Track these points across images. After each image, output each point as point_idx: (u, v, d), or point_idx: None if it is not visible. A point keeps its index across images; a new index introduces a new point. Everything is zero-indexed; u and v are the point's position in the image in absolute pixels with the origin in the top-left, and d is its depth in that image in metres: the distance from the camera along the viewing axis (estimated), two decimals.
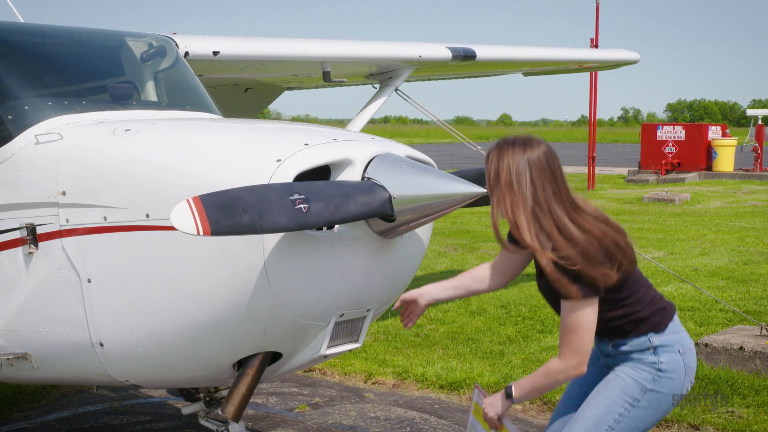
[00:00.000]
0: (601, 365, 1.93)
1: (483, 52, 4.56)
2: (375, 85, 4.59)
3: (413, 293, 2.00)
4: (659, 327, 1.84)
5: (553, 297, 1.84)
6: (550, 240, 1.75)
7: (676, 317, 1.89)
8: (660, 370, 1.82)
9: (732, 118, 55.68)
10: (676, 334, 1.85)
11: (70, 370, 2.43)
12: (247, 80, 4.48)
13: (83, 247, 2.26)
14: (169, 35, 3.20)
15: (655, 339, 1.83)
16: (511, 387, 1.85)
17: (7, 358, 2.45)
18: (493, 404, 1.88)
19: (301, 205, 1.91)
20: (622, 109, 73.72)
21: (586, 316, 1.76)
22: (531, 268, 2.00)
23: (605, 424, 1.81)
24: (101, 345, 2.27)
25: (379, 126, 45.83)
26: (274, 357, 2.27)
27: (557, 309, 1.85)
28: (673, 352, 1.83)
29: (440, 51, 4.40)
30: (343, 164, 2.12)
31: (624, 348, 1.85)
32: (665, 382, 1.82)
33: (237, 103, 4.79)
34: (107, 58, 2.95)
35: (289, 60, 3.97)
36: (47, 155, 2.36)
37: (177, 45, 3.16)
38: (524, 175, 1.75)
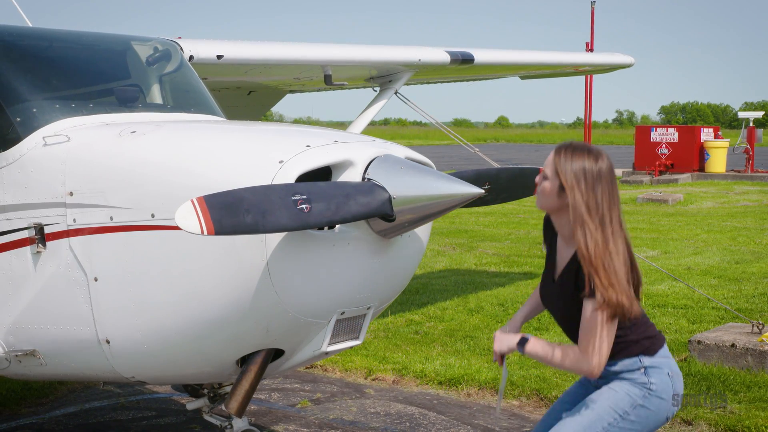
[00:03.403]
0: (591, 387, 1.97)
1: (481, 55, 4.60)
2: (375, 88, 4.62)
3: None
4: (650, 351, 1.89)
5: (569, 299, 1.85)
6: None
7: (665, 347, 1.94)
8: (650, 390, 1.86)
9: (724, 120, 55.82)
10: (666, 359, 1.91)
11: (77, 366, 2.47)
12: (250, 83, 4.51)
13: (90, 246, 2.30)
14: (174, 39, 3.23)
15: (646, 360, 1.88)
16: (527, 340, 1.88)
17: (16, 355, 2.48)
18: (504, 341, 1.92)
19: (303, 206, 1.95)
20: (617, 111, 73.91)
21: (611, 319, 1.79)
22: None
23: (593, 431, 1.86)
24: (107, 342, 2.32)
25: (379, 128, 45.84)
26: (276, 354, 2.31)
27: (566, 315, 1.88)
28: (663, 374, 1.88)
29: (439, 55, 4.45)
30: (343, 165, 2.16)
31: (614, 368, 1.90)
32: (654, 401, 1.87)
33: (240, 105, 4.83)
34: (113, 61, 2.98)
35: (291, 64, 4.00)
36: (55, 156, 2.40)
37: (182, 49, 3.19)
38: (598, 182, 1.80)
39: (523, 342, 1.89)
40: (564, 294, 1.88)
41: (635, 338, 1.88)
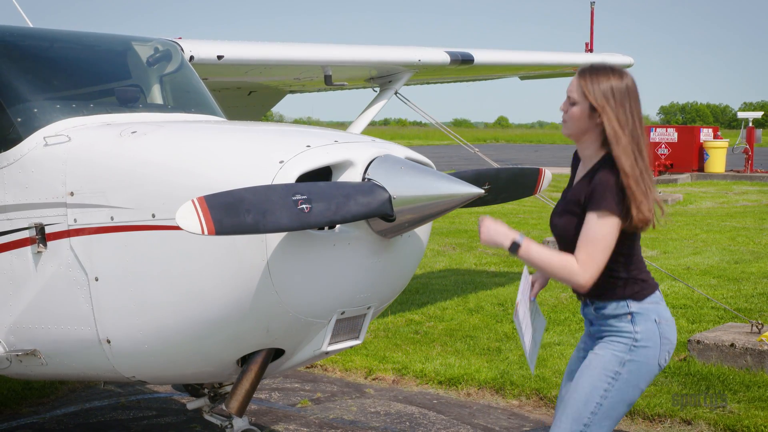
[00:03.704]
0: (589, 341, 2.00)
1: (481, 56, 4.61)
2: (375, 89, 4.63)
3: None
4: (638, 296, 1.90)
5: (574, 213, 1.86)
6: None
7: (658, 293, 1.94)
8: (636, 340, 1.88)
9: (723, 120, 55.95)
10: (655, 305, 1.91)
11: (77, 366, 2.48)
12: (250, 84, 4.52)
13: (91, 246, 2.31)
14: (174, 40, 3.24)
15: (633, 306, 1.89)
16: (520, 243, 1.86)
17: (17, 355, 2.49)
18: (492, 235, 1.88)
19: (303, 206, 1.95)
20: None
21: (611, 232, 1.82)
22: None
23: (593, 402, 1.88)
24: (108, 342, 2.32)
25: (379, 128, 45.91)
26: (276, 353, 2.32)
27: (567, 229, 1.88)
28: (650, 321, 1.89)
29: (439, 55, 4.46)
30: (344, 165, 2.17)
31: (604, 312, 1.92)
32: (641, 352, 1.88)
33: (240, 105, 4.84)
34: (114, 61, 2.99)
35: (291, 64, 4.01)
36: (56, 157, 2.41)
37: (182, 49, 3.20)
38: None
39: (515, 247, 1.86)
40: (570, 208, 1.90)
41: (626, 277, 1.89)
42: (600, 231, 1.83)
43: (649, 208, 1.83)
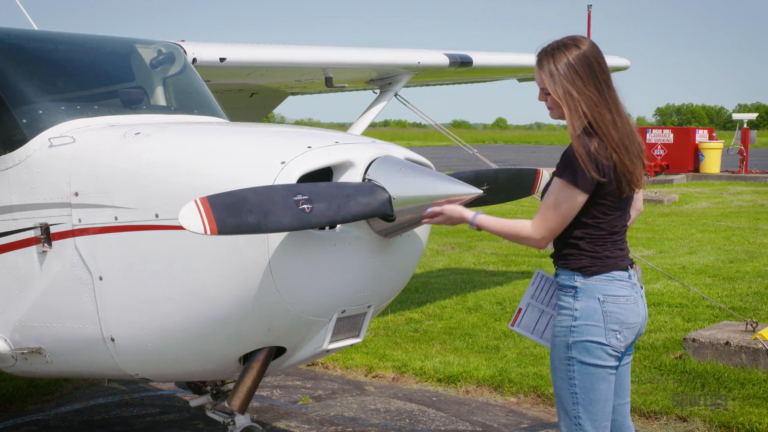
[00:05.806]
0: None
1: (479, 58, 4.64)
2: (375, 91, 4.66)
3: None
4: (587, 271, 1.90)
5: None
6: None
7: (619, 272, 1.91)
8: (575, 318, 1.90)
9: (718, 122, 56.16)
10: (605, 283, 1.89)
11: (82, 364, 2.50)
12: (252, 85, 4.55)
13: (95, 246, 2.33)
14: (177, 42, 3.26)
15: (579, 281, 1.90)
16: (477, 217, 1.97)
17: (22, 353, 2.51)
18: (453, 212, 2.00)
19: (305, 206, 1.97)
20: None
21: (568, 201, 1.87)
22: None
23: (569, 393, 1.91)
24: (112, 340, 2.35)
25: (379, 129, 45.87)
26: (278, 351, 2.34)
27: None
28: (592, 299, 1.88)
29: (438, 57, 4.48)
30: (344, 166, 2.19)
31: (558, 280, 1.97)
32: (583, 330, 1.88)
33: (242, 107, 4.86)
34: (118, 64, 3.02)
35: (292, 66, 4.03)
36: (60, 157, 2.43)
37: (185, 51, 3.23)
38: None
39: (472, 220, 1.97)
40: (551, 183, 1.96)
41: (587, 249, 1.89)
42: (557, 198, 1.89)
43: (634, 172, 1.87)
